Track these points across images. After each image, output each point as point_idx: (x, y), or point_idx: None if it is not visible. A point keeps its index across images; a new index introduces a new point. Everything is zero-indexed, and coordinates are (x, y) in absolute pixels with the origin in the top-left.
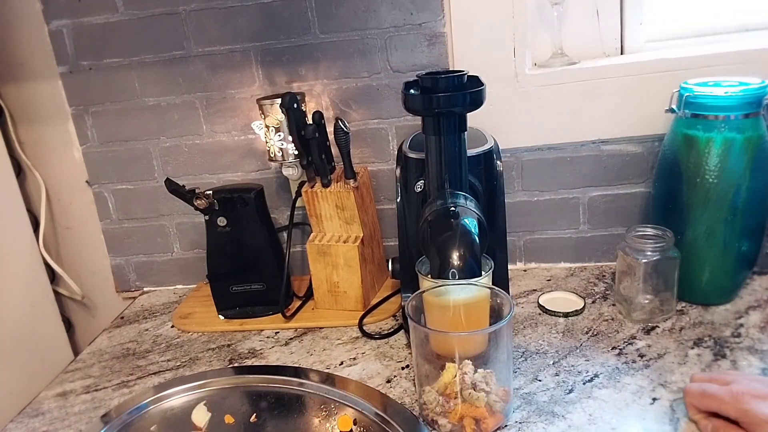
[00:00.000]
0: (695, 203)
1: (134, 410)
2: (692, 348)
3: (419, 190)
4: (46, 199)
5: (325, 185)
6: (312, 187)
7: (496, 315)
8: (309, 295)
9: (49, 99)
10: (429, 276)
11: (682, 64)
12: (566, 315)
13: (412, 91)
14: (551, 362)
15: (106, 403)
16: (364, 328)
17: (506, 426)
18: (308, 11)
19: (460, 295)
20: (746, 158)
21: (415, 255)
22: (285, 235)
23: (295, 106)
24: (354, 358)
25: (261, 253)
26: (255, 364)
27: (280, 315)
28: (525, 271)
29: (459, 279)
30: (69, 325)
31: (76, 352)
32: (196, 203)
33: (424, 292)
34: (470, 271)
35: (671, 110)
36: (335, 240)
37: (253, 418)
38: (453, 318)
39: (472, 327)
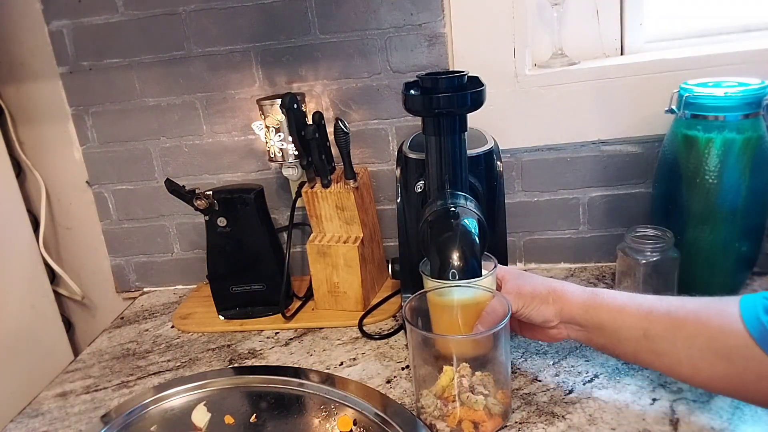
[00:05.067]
0: (695, 204)
1: (134, 410)
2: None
3: (419, 190)
4: (46, 199)
5: (325, 186)
6: (312, 187)
7: None
8: (309, 295)
9: (49, 99)
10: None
11: (681, 65)
12: None
13: (412, 91)
14: (551, 363)
15: (106, 403)
16: (364, 328)
17: (506, 426)
18: (308, 11)
19: (464, 296)
20: (746, 159)
21: (415, 255)
22: (285, 235)
23: (295, 106)
24: (354, 359)
25: (261, 253)
26: (255, 364)
27: (280, 315)
28: (525, 271)
29: (459, 279)
30: (69, 325)
31: (76, 352)
32: (196, 203)
33: (426, 292)
34: (471, 271)
35: (671, 111)
36: (335, 240)
37: (253, 419)
38: (456, 318)
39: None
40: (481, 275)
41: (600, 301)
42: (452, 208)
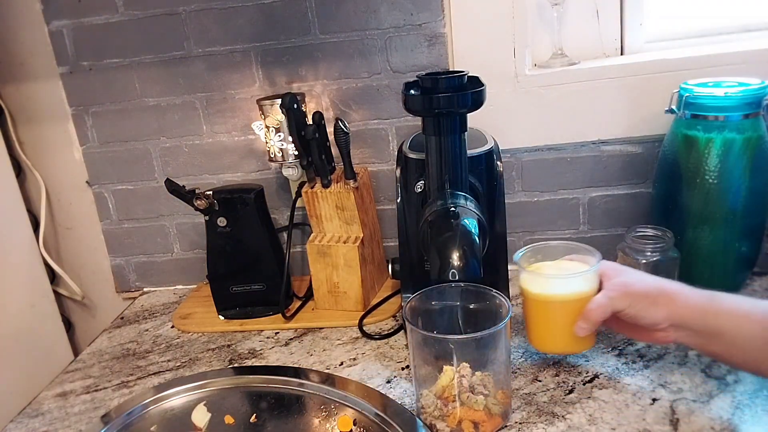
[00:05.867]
0: (695, 204)
1: (134, 410)
2: (692, 349)
3: (419, 190)
4: (46, 199)
5: (325, 186)
6: (312, 187)
7: (494, 317)
8: (309, 295)
9: (49, 99)
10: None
11: (681, 65)
12: None
13: (412, 91)
14: (551, 362)
15: (106, 403)
16: (364, 328)
17: (506, 426)
18: (308, 11)
19: (563, 291)
20: (746, 159)
21: (415, 256)
22: (285, 235)
23: (295, 106)
24: (354, 359)
25: (261, 253)
26: (255, 364)
27: (280, 315)
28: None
29: (460, 279)
30: (69, 325)
31: (76, 352)
32: (196, 203)
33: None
34: (471, 271)
35: (671, 111)
36: (335, 240)
37: (253, 419)
38: (557, 315)
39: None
40: (481, 275)
41: (720, 306)
42: (452, 208)
